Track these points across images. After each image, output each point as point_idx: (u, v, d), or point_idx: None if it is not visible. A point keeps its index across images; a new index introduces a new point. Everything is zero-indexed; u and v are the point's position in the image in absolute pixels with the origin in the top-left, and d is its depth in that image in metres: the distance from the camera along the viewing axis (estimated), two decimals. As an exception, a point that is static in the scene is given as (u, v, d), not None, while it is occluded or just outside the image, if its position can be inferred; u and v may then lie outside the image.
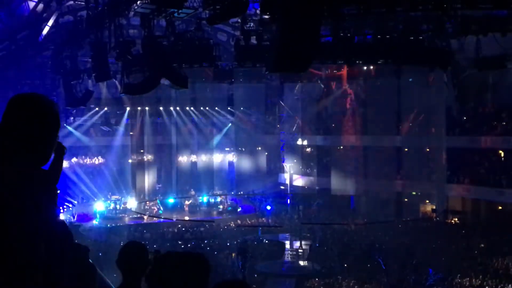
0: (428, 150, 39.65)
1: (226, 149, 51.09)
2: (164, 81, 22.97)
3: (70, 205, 41.71)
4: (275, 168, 47.42)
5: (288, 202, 42.63)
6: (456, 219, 36.78)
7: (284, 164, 44.77)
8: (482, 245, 30.23)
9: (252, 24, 24.82)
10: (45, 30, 29.95)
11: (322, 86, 43.85)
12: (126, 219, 41.27)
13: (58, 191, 2.49)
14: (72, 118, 38.36)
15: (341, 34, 22.71)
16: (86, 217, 39.99)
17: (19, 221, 2.01)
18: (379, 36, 23.73)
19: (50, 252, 2.09)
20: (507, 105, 36.50)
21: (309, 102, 45.35)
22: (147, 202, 43.88)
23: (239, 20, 24.46)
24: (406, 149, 41.03)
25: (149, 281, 2.99)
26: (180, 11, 20.63)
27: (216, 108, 47.69)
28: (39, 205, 2.10)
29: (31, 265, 2.01)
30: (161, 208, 43.01)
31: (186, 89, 27.28)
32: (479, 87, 36.05)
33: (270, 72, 24.06)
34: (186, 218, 40.49)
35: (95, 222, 40.41)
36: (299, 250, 32.28)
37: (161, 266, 2.92)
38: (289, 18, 11.47)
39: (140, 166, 46.77)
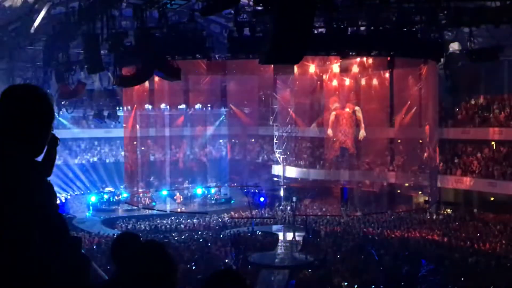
0: (420, 141, 39.76)
1: (220, 141, 51.10)
2: (157, 73, 22.91)
3: (63, 198, 41.62)
4: (268, 160, 47.45)
5: (282, 194, 42.71)
6: (449, 210, 36.98)
7: (277, 156, 44.80)
8: (475, 235, 30.44)
9: (245, 15, 24.72)
10: (37, 21, 29.72)
11: (315, 78, 43.80)
12: (120, 211, 41.28)
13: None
14: (64, 109, 38.14)
15: (335, 26, 22.70)
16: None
17: (13, 213, 2.00)
18: (372, 28, 23.73)
19: (45, 244, 2.09)
20: (499, 97, 36.68)
21: (302, 94, 45.33)
22: (140, 194, 43.86)
23: (232, 12, 24.37)
24: (399, 141, 41.18)
25: None
26: (173, 2, 20.50)
27: (209, 99, 47.63)
28: (33, 197, 2.09)
29: (25, 257, 2.00)
30: (155, 200, 43.02)
31: (179, 81, 27.22)
32: (472, 79, 36.13)
33: (263, 64, 24.00)
34: (178, 210, 40.51)
35: (88, 214, 40.41)
36: (293, 242, 32.36)
37: None
38: (282, 9, 11.43)
39: (133, 158, 46.69)
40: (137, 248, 3.36)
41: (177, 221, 37.09)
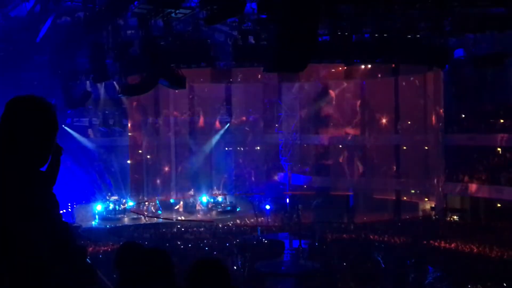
0: (426, 148, 39.67)
1: (225, 148, 51.07)
2: (162, 82, 22.97)
3: (69, 207, 41.68)
4: (274, 168, 47.40)
5: (287, 201, 42.62)
6: (455, 217, 36.81)
7: (283, 164, 44.78)
8: (482, 242, 30.28)
9: (249, 23, 24.80)
10: (43, 31, 29.93)
11: (320, 85, 43.85)
12: (126, 220, 41.26)
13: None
14: (70, 119, 38.33)
15: (339, 33, 22.72)
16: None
17: (19, 223, 2.01)
18: (376, 35, 23.74)
19: (50, 254, 2.10)
20: (505, 103, 36.57)
21: (307, 101, 45.39)
22: (146, 203, 43.86)
23: (237, 20, 24.45)
24: (404, 147, 41.08)
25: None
26: (177, 11, 20.62)
27: (214, 107, 47.69)
28: (38, 207, 2.10)
29: (32, 267, 2.01)
30: (160, 208, 43.00)
31: (184, 89, 27.30)
32: (477, 85, 36.08)
33: (268, 71, 24.07)
34: (183, 218, 40.48)
35: (94, 223, 40.40)
36: (299, 249, 32.26)
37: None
38: (286, 17, 11.46)
39: (139, 167, 46.73)
40: (140, 257, 3.37)
41: (182, 229, 37.05)
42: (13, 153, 2.14)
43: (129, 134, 45.91)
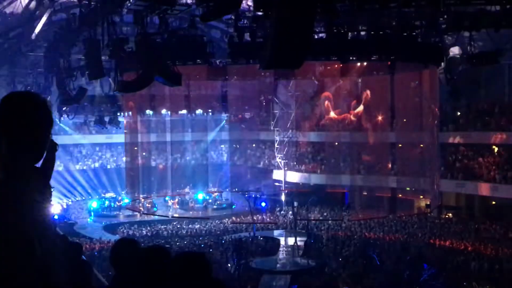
0: (422, 145, 39.76)
1: (221, 146, 51.11)
2: (158, 79, 22.92)
3: (65, 204, 41.62)
4: (270, 165, 47.45)
5: (283, 198, 42.66)
6: (450, 215, 36.92)
7: (279, 161, 44.82)
8: (476, 239, 30.39)
9: (245, 20, 24.77)
10: (38, 27, 29.81)
11: (316, 82, 43.86)
12: (121, 217, 41.26)
13: (53, 189, 2.50)
14: (65, 115, 38.20)
15: (335, 30, 22.72)
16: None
17: (13, 219, 2.01)
18: (372, 32, 23.74)
19: (44, 251, 2.10)
20: (500, 101, 36.66)
21: (303, 98, 45.40)
22: (142, 200, 43.86)
23: (233, 17, 24.43)
24: (400, 145, 41.16)
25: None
26: (173, 8, 20.56)
27: (210, 105, 47.71)
28: (33, 203, 2.10)
29: (26, 264, 2.01)
30: (156, 205, 43.00)
31: (180, 86, 27.25)
32: (472, 83, 36.13)
33: (264, 69, 24.03)
34: (177, 215, 40.48)
35: (89, 220, 40.39)
36: (294, 247, 32.31)
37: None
38: (282, 14, 11.44)
39: (134, 164, 46.73)
40: (135, 254, 3.38)
41: (178, 226, 37.07)
42: (8, 149, 2.14)
43: (125, 131, 45.88)
